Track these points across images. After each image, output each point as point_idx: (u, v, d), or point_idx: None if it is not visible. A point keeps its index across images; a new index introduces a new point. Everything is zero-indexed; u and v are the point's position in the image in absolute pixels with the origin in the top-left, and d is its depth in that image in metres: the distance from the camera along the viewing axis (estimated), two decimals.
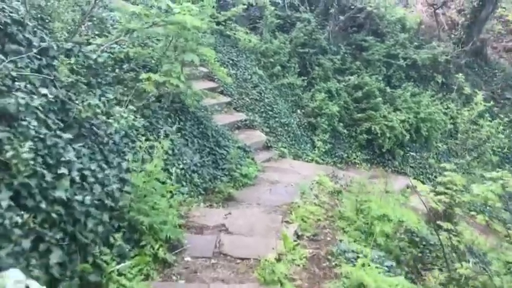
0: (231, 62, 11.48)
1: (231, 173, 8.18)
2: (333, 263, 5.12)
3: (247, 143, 9.56)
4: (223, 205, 7.20)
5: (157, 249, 4.62)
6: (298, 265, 4.97)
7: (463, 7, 15.48)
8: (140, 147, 5.38)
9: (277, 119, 11.07)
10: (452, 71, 13.30)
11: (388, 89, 12.44)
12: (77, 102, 5.17)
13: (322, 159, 11.36)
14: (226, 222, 5.79)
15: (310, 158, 11.08)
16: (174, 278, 4.40)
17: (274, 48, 12.15)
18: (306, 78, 12.35)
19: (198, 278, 4.50)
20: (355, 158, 11.92)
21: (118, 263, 4.13)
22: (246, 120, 10.45)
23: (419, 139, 12.12)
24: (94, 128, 5.41)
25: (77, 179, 4.17)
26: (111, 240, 4.19)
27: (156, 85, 7.66)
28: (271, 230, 5.74)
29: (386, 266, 5.03)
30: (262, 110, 11.01)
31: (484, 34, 14.38)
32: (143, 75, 6.85)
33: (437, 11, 15.50)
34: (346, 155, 11.85)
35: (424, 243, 7.48)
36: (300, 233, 6.33)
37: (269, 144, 10.30)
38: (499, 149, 9.93)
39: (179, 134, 7.61)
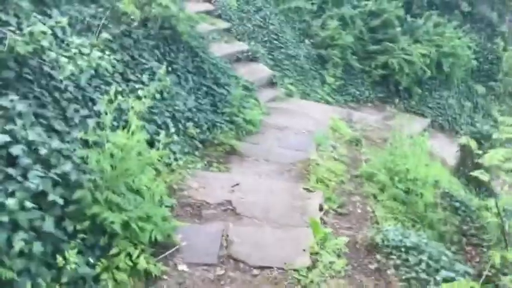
0: None
1: (233, 118, 6.39)
2: (384, 267, 3.51)
3: (249, 79, 7.68)
4: (226, 162, 5.50)
5: (137, 257, 2.93)
6: (339, 272, 3.35)
7: None
8: (115, 94, 3.43)
9: (283, 50, 9.10)
10: None
11: (409, 18, 10.39)
12: (11, 28, 3.25)
13: (333, 98, 9.55)
14: (233, 198, 4.09)
15: (319, 96, 9.25)
16: None
17: None
18: (316, 1, 10.18)
19: None
20: (368, 96, 10.12)
21: None
22: (247, 51, 8.46)
23: (439, 76, 10.28)
24: (45, 68, 3.53)
25: None
26: (59, 260, 2.47)
27: (140, 5, 5.68)
28: (294, 211, 4.08)
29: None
30: (266, 39, 8.99)
31: None
32: None
33: None
34: (358, 92, 10.01)
35: (463, 209, 5.95)
36: (325, 206, 4.71)
37: (274, 81, 8.42)
38: None
39: (169, 69, 5.73)
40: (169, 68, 5.76)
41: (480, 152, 5.34)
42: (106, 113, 3.03)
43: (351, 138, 7.10)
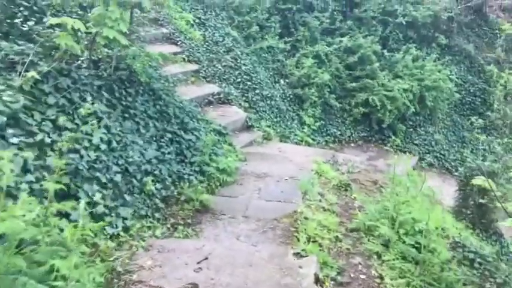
0: (197, 20, 8.43)
1: (203, 168, 5.32)
2: None
3: (222, 123, 6.67)
4: (195, 224, 4.36)
5: None
6: None
7: None
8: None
9: (257, 91, 8.17)
10: (454, 30, 10.62)
11: (386, 53, 9.67)
12: None
13: (313, 139, 8.60)
14: (200, 280, 2.93)
15: (299, 138, 8.30)
16: None
17: (249, 4, 9.10)
18: (289, 40, 9.40)
19: None
20: (349, 136, 9.20)
21: None
22: (219, 94, 7.52)
23: (423, 111, 9.48)
24: None
25: None
26: None
27: (87, 43, 4.69)
28: None
29: None
30: (238, 80, 8.08)
31: None
32: (51, 20, 3.79)
33: None
34: (339, 132, 9.11)
35: (479, 260, 4.89)
36: (320, 275, 3.58)
37: (250, 123, 7.43)
38: None
39: (125, 115, 4.68)
40: (126, 114, 4.72)
41: (498, 192, 4.39)
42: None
43: (338, 182, 6.08)
